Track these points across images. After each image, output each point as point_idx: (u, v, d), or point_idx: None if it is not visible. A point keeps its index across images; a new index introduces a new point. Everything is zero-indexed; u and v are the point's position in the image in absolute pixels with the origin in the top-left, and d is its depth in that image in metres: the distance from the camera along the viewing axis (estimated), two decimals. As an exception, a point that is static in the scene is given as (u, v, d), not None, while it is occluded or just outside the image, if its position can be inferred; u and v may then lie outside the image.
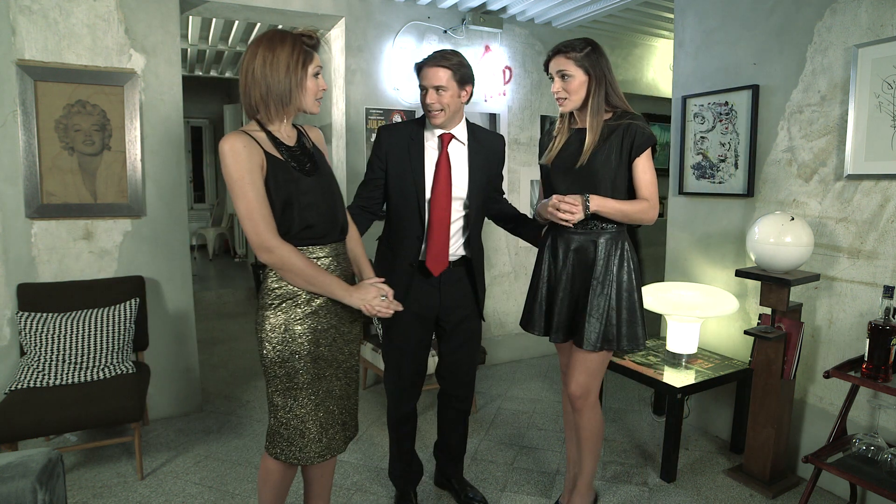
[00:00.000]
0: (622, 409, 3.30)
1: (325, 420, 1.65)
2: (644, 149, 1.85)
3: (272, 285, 1.60)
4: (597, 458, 2.11)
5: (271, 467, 1.70)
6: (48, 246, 2.75)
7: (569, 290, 1.96)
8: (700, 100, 2.93)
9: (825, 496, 2.38)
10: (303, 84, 1.55)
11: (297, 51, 1.53)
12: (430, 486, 2.43)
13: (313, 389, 1.62)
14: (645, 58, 4.63)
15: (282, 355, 1.58)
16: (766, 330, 2.41)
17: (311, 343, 1.60)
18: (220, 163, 1.50)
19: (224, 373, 3.86)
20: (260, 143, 1.52)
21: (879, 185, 2.22)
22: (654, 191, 1.89)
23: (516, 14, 3.81)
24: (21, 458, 1.53)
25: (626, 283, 1.91)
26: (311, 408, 1.62)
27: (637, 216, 1.88)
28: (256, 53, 1.51)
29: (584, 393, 1.98)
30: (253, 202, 1.48)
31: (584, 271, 1.93)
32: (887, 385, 1.94)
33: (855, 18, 2.26)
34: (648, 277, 4.75)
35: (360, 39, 3.48)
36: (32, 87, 2.63)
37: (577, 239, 1.94)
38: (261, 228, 1.49)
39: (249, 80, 1.52)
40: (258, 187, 1.49)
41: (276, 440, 1.64)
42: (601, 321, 1.89)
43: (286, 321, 1.58)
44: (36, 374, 2.47)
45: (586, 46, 1.85)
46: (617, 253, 1.91)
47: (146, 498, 2.35)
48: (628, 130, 1.85)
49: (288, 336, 1.58)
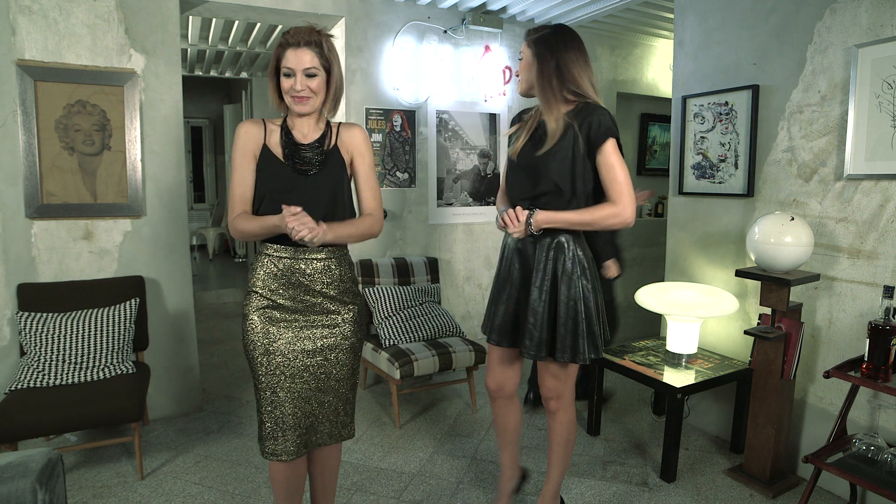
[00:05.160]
0: (622, 409, 3.30)
1: (279, 418, 1.64)
2: (600, 142, 1.68)
3: (250, 275, 1.69)
4: (566, 465, 2.01)
5: (271, 467, 1.72)
6: (48, 246, 2.74)
7: (514, 295, 1.88)
8: (700, 100, 2.93)
9: (825, 496, 2.38)
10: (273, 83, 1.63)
11: (277, 49, 1.60)
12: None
13: (267, 383, 1.64)
14: (645, 58, 4.63)
15: (244, 345, 1.67)
16: (766, 330, 2.41)
17: (263, 334, 1.63)
18: None
19: (224, 373, 3.86)
20: (267, 133, 1.63)
21: (879, 185, 2.22)
22: (621, 189, 1.69)
23: (516, 14, 3.81)
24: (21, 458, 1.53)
25: (570, 292, 1.76)
26: (265, 402, 1.64)
27: (604, 223, 1.70)
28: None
29: (556, 395, 1.92)
30: (234, 182, 1.63)
31: (524, 276, 1.84)
32: (887, 385, 1.94)
33: (855, 18, 2.26)
34: (648, 277, 4.74)
35: (360, 39, 3.48)
36: (32, 87, 2.63)
37: (521, 241, 1.84)
38: (232, 204, 1.63)
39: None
40: (242, 170, 1.62)
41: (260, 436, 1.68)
42: (540, 329, 1.78)
43: (247, 311, 1.66)
44: (36, 374, 2.47)
45: (546, 30, 1.77)
46: (561, 258, 1.77)
47: (146, 498, 2.35)
48: (583, 123, 1.70)
49: (248, 325, 1.65)
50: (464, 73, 3.82)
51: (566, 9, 3.65)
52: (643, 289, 2.92)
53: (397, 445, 2.83)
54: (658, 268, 4.75)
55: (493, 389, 2.05)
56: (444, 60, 3.73)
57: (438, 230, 3.85)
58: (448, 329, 3.27)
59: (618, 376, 3.68)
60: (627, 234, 4.70)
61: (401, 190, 3.66)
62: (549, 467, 2.02)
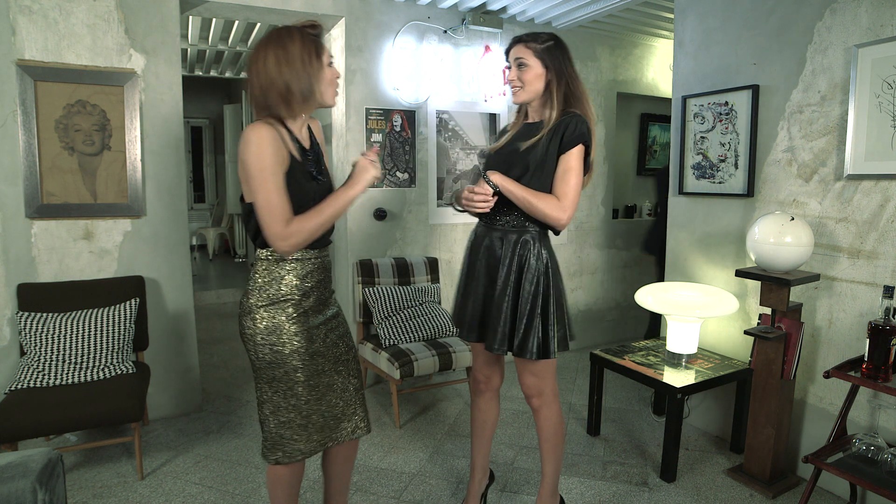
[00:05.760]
0: (622, 409, 3.30)
1: (326, 412, 1.69)
2: (571, 146, 1.76)
3: (261, 288, 1.59)
4: (559, 462, 2.03)
5: (279, 471, 1.68)
6: (48, 246, 2.75)
7: (478, 289, 1.92)
8: (700, 100, 2.93)
9: (825, 496, 2.38)
10: (319, 75, 1.54)
11: (307, 43, 1.51)
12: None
13: (314, 385, 1.64)
14: (645, 58, 4.63)
15: (280, 356, 1.58)
16: (766, 330, 2.41)
17: (307, 340, 1.61)
18: (242, 150, 1.47)
19: (224, 373, 3.86)
20: (284, 141, 1.52)
21: (879, 185, 2.22)
22: (567, 191, 1.76)
23: (516, 14, 3.81)
24: (21, 458, 1.53)
25: (530, 289, 1.81)
26: (313, 402, 1.64)
27: (541, 209, 1.76)
28: (267, 54, 1.49)
29: (537, 393, 1.94)
30: (272, 194, 1.46)
31: (491, 270, 1.89)
32: (887, 385, 1.94)
33: (855, 18, 2.26)
34: (648, 278, 4.75)
35: (360, 39, 3.48)
36: (32, 87, 2.63)
37: (492, 236, 1.90)
38: (277, 219, 1.47)
39: (265, 81, 1.49)
40: (279, 180, 1.47)
41: (282, 443, 1.63)
42: (504, 323, 1.83)
43: (279, 323, 1.58)
44: (36, 374, 2.47)
45: (549, 40, 1.81)
46: (525, 254, 1.83)
47: (146, 498, 2.35)
48: (561, 125, 1.78)
49: (284, 337, 1.58)
50: (464, 73, 3.82)
51: (566, 9, 3.65)
52: (643, 289, 2.92)
53: (397, 445, 2.83)
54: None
55: (481, 382, 2.09)
56: (444, 60, 3.73)
57: (438, 230, 3.85)
58: (448, 329, 3.27)
59: (618, 376, 3.68)
60: (628, 234, 4.70)
61: (401, 190, 3.66)
62: (543, 465, 2.04)
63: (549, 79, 1.80)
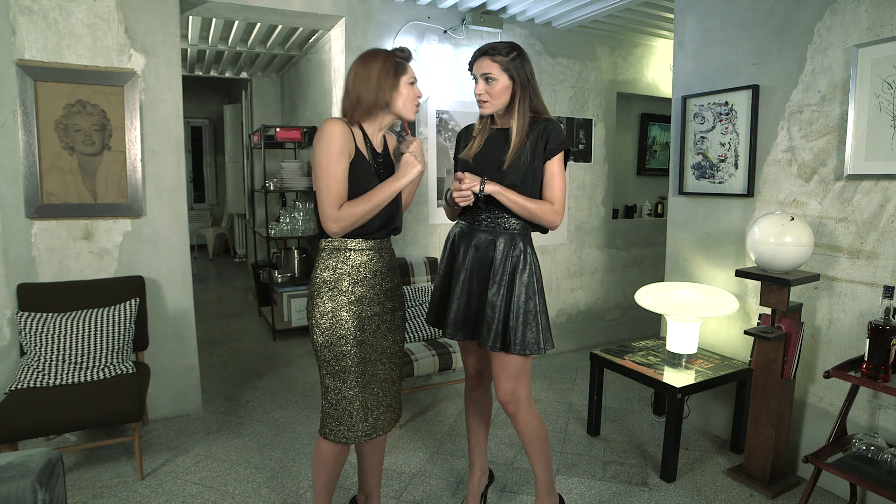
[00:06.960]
0: (622, 409, 3.30)
1: (370, 401, 1.81)
2: (557, 151, 1.87)
3: (322, 274, 1.76)
4: (547, 461, 2.05)
5: (325, 449, 1.83)
6: (48, 246, 2.75)
7: (466, 288, 1.95)
8: (700, 100, 2.93)
9: (825, 496, 2.38)
10: (396, 89, 1.75)
11: (388, 62, 1.73)
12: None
13: (360, 372, 1.77)
14: (645, 58, 4.63)
15: (330, 339, 1.74)
16: (766, 330, 2.41)
17: (356, 328, 1.75)
18: (315, 139, 1.70)
19: (224, 373, 3.86)
20: (354, 138, 1.73)
21: (879, 185, 2.22)
22: (558, 195, 1.89)
23: (516, 14, 3.81)
24: (21, 458, 1.53)
25: (524, 287, 1.89)
26: (358, 389, 1.77)
27: (539, 215, 1.87)
28: (355, 68, 1.75)
29: (513, 398, 1.96)
30: (333, 178, 1.67)
31: (481, 270, 1.93)
32: (887, 385, 1.94)
33: (855, 18, 2.26)
34: (648, 277, 4.75)
35: (360, 39, 3.48)
36: (32, 87, 2.63)
37: (478, 236, 1.94)
38: (332, 201, 1.67)
39: (345, 93, 1.78)
40: (343, 167, 1.68)
41: (327, 421, 1.80)
42: (497, 321, 1.88)
43: (333, 308, 1.74)
44: (36, 374, 2.47)
45: (512, 51, 1.87)
46: (517, 254, 1.90)
47: (146, 498, 2.35)
48: (544, 132, 1.87)
49: (336, 322, 1.74)
50: (464, 73, 3.81)
51: (566, 9, 3.65)
52: (643, 289, 2.93)
53: (397, 445, 2.83)
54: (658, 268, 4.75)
55: (474, 376, 2.16)
56: (444, 60, 3.74)
57: (438, 230, 3.85)
58: (448, 329, 3.27)
59: (618, 376, 3.68)
60: (628, 234, 4.70)
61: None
62: (533, 467, 2.07)
63: (515, 90, 1.88)
